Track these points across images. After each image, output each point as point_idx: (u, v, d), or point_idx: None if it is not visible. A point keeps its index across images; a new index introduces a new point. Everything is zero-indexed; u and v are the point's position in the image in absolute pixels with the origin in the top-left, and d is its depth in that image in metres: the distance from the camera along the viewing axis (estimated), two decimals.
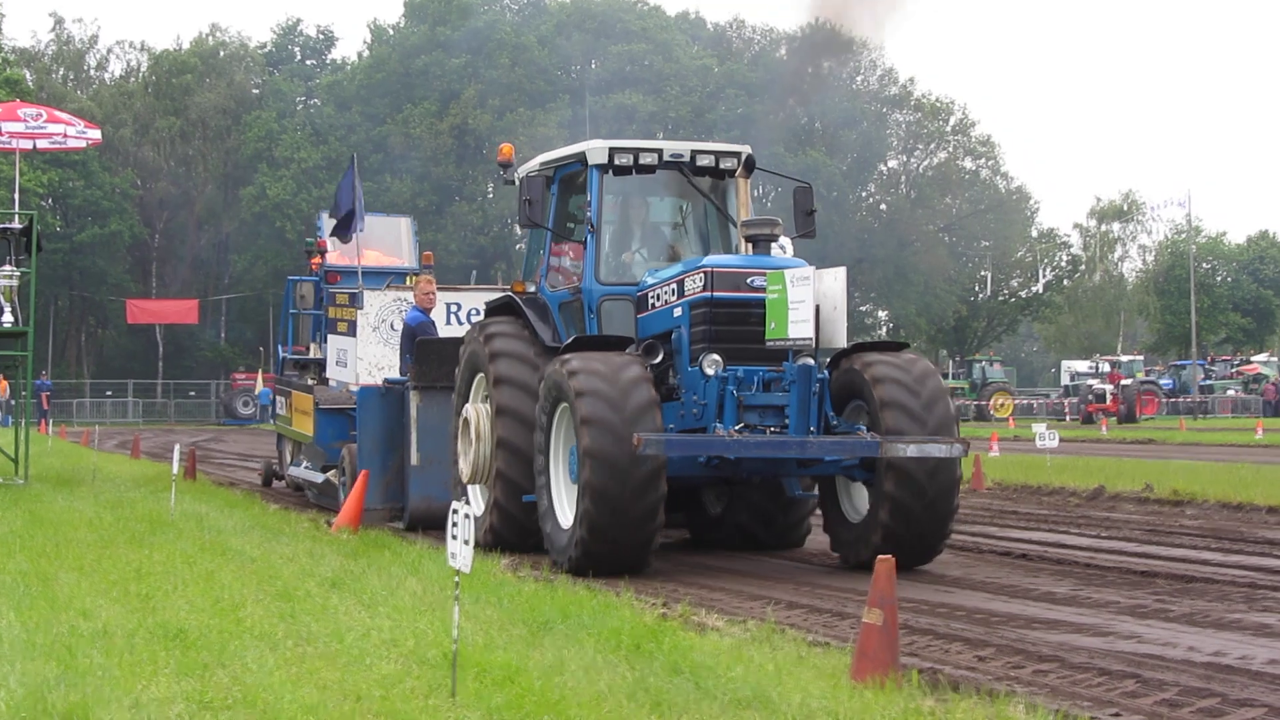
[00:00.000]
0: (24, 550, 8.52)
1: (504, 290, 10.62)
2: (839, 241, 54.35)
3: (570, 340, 8.23)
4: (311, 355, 14.46)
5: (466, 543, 4.39)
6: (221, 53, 58.82)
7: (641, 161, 8.80)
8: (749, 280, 7.97)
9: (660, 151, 8.92)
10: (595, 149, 8.84)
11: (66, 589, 6.79)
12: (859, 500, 8.42)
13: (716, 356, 7.78)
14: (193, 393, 49.90)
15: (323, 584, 7.12)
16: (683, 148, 9.05)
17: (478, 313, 11.26)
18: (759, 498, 9.39)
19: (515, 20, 60.26)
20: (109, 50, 59.42)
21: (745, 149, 9.27)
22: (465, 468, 9.10)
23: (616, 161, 8.74)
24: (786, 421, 7.70)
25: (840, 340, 7.64)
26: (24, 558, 8.10)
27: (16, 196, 17.04)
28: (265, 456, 17.92)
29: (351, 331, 12.11)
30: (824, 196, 45.87)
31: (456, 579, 4.45)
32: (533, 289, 9.43)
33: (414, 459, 10.19)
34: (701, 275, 8.02)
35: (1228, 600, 7.08)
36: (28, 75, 53.33)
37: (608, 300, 8.82)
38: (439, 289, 11.83)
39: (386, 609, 6.11)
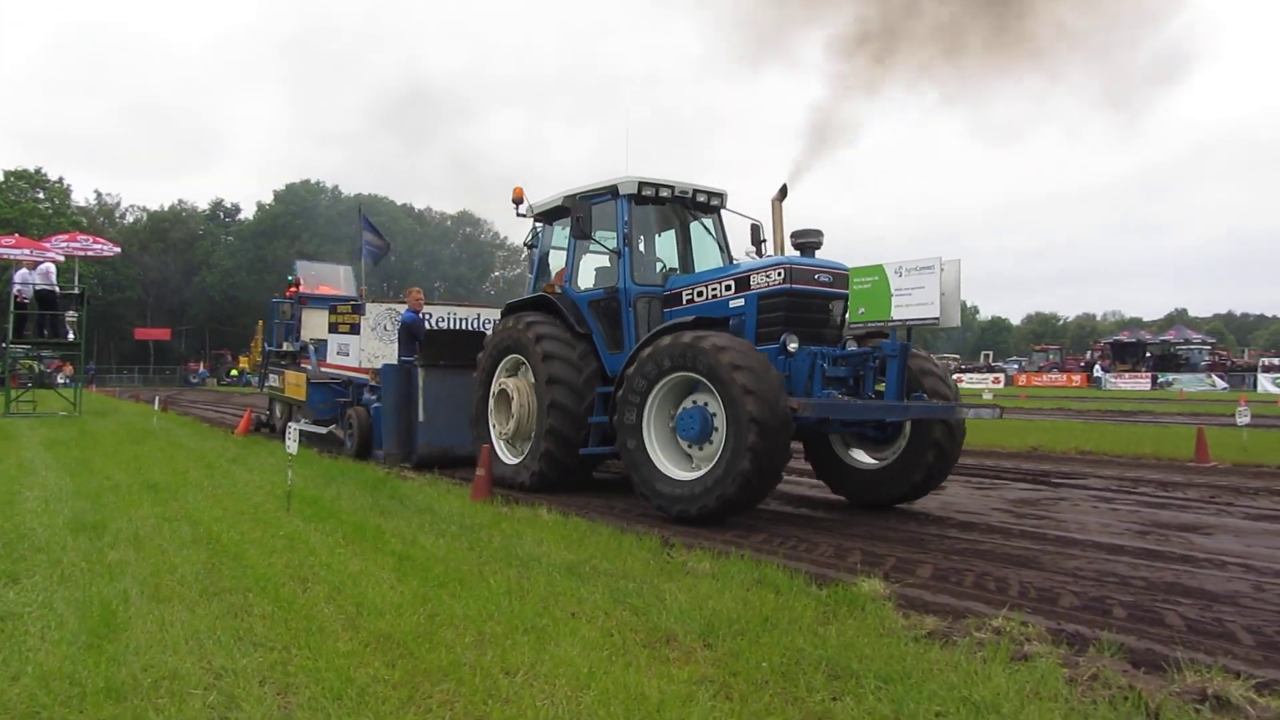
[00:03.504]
0: (76, 446, 15.00)
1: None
2: None
3: (667, 325, 9.26)
4: (285, 349, 19.82)
5: (294, 441, 9.22)
6: (183, 213, 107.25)
7: (659, 194, 10.60)
8: (816, 275, 9.12)
9: (673, 188, 10.67)
10: (626, 182, 10.43)
11: (97, 465, 12.21)
12: (860, 453, 9.86)
13: (795, 337, 8.83)
14: (167, 371, 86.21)
15: (229, 460, 12.86)
16: (686, 185, 10.78)
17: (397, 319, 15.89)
18: None
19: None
20: (128, 207, 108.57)
21: (724, 190, 11.20)
22: (507, 428, 11.00)
23: (643, 193, 10.49)
24: (845, 391, 8.90)
25: (955, 320, 8.09)
26: (76, 450, 14.20)
27: (77, 278, 31.06)
28: (207, 404, 27.35)
29: (354, 331, 16.33)
30: None
31: (289, 458, 9.28)
32: (559, 290, 11.06)
33: (421, 416, 12.90)
34: (782, 270, 9.01)
35: None
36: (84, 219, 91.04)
37: (641, 298, 10.28)
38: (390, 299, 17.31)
39: (259, 471, 11.42)
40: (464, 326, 16.83)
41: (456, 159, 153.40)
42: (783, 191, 10.05)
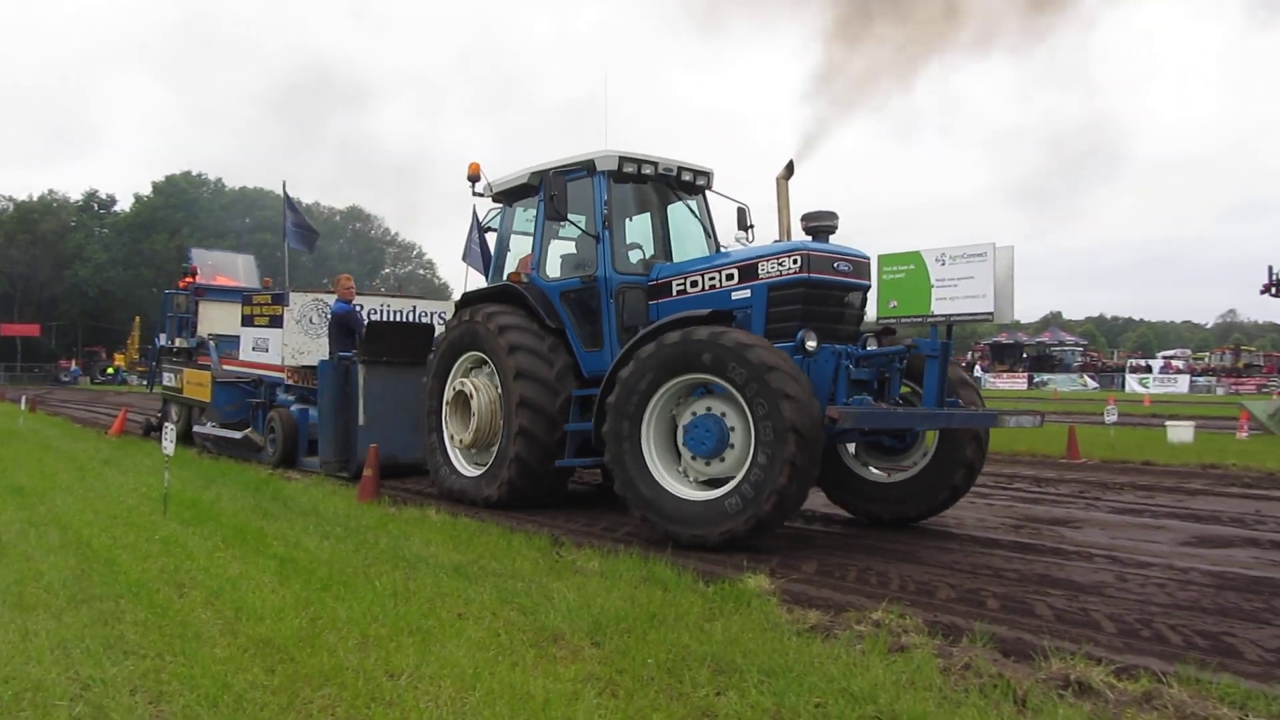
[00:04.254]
0: None
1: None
2: None
3: (668, 320, 7.93)
4: (180, 345, 18.13)
5: (171, 441, 8.90)
6: (54, 203, 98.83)
7: (642, 171, 9.46)
8: (835, 264, 8.01)
9: (656, 165, 9.53)
10: (604, 157, 9.24)
11: None
12: (871, 463, 8.72)
13: (814, 334, 7.67)
14: (36, 369, 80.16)
15: (102, 461, 12.37)
16: (671, 163, 9.66)
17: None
18: None
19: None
20: None
21: (710, 168, 10.03)
22: (465, 434, 9.61)
23: (623, 170, 9.31)
24: (866, 394, 7.84)
25: (1010, 315, 7.21)
26: None
27: None
28: (80, 403, 25.03)
29: (274, 324, 14.40)
30: None
31: (166, 459, 8.96)
32: (525, 279, 9.73)
33: (361, 420, 11.49)
34: (798, 257, 7.88)
35: None
36: None
37: (625, 288, 9.06)
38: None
39: (135, 473, 11.01)
40: (399, 320, 14.81)
41: (347, 152, 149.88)
42: (789, 169, 8.84)
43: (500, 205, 10.73)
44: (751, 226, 10.15)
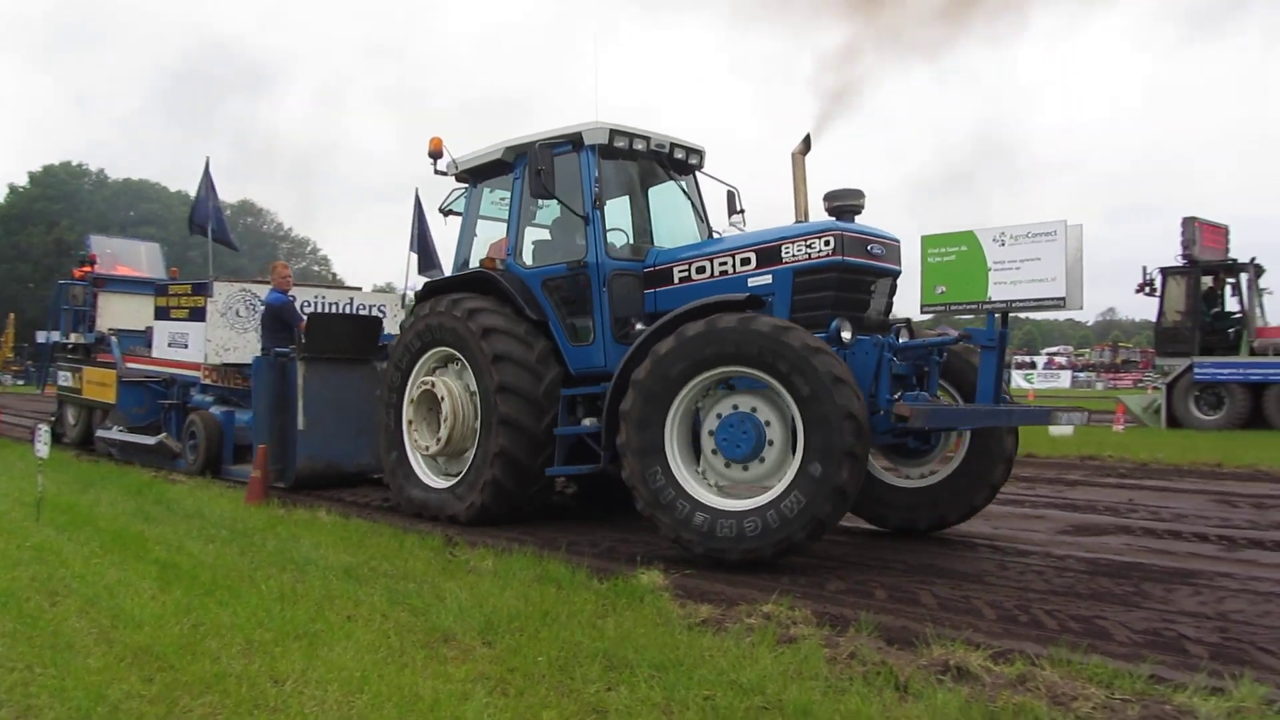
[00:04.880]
0: None
1: None
2: None
3: (701, 305, 7.08)
4: (76, 341, 16.75)
5: (45, 444, 8.53)
6: None
7: (634, 147, 8.66)
8: (869, 247, 7.32)
9: (649, 139, 8.72)
10: (594, 129, 8.42)
11: None
12: (897, 467, 8.08)
13: (849, 324, 6.97)
14: None
15: None
16: (663, 138, 8.86)
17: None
18: None
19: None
20: None
21: (703, 146, 9.30)
22: (433, 441, 8.63)
23: (614, 144, 8.49)
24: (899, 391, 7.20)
25: (1080, 302, 6.56)
26: None
27: None
28: None
29: (196, 317, 13.04)
30: None
31: (40, 462, 8.59)
32: (501, 266, 8.85)
33: (300, 424, 10.47)
34: (830, 239, 7.17)
35: None
36: None
37: (617, 275, 8.22)
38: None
39: (6, 477, 10.73)
40: (335, 312, 13.58)
41: (240, 143, 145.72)
42: (806, 143, 8.04)
43: (465, 185, 9.69)
44: (742, 211, 9.47)
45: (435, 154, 9.44)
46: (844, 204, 7.41)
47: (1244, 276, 22.17)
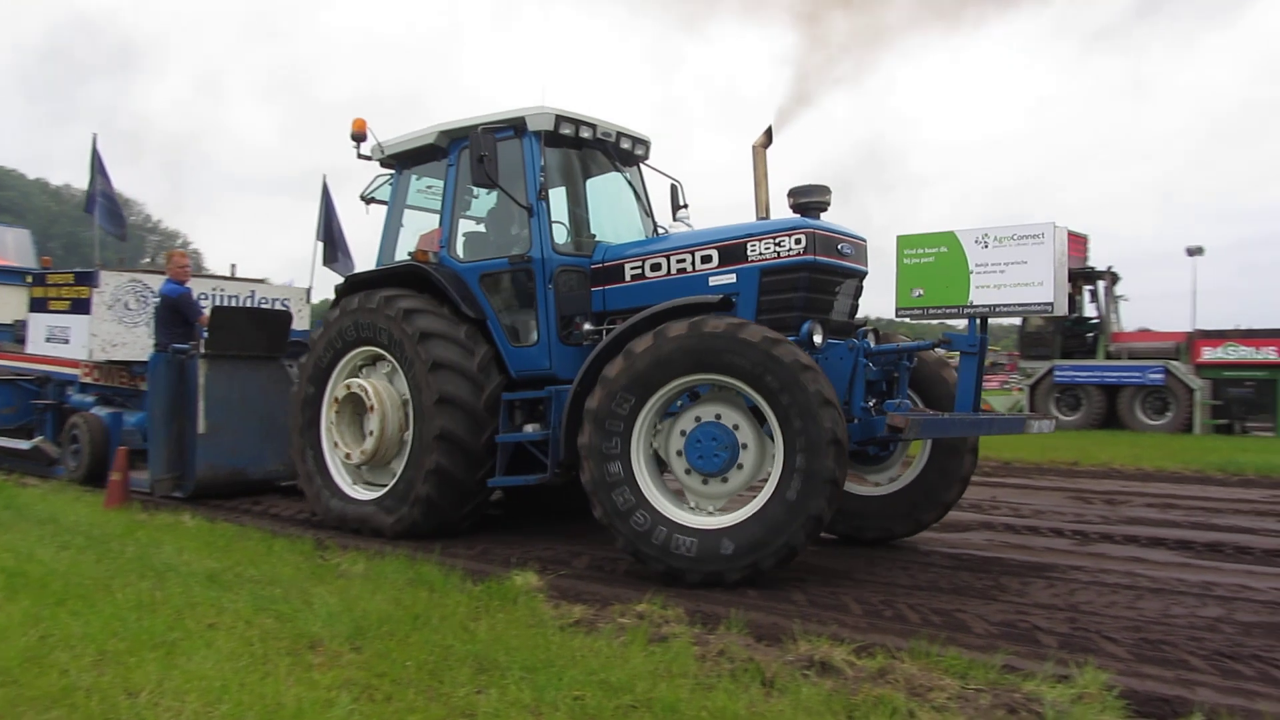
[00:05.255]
0: None
1: None
2: None
3: (663, 308, 6.72)
4: None
5: None
6: None
7: (580, 134, 8.15)
8: (839, 246, 7.06)
9: (595, 127, 8.24)
10: (538, 115, 7.89)
11: None
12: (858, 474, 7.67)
13: (820, 327, 6.70)
14: None
15: None
16: (610, 127, 8.38)
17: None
18: None
19: None
20: None
21: (649, 137, 8.87)
22: (358, 449, 7.97)
23: (560, 131, 7.98)
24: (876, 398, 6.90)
25: (1065, 306, 6.31)
26: None
27: None
28: None
29: (79, 310, 11.86)
30: None
31: None
32: (434, 259, 8.23)
33: (201, 427, 9.67)
34: (801, 236, 6.85)
35: None
36: None
37: (563, 271, 7.75)
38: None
39: None
40: (240, 306, 12.64)
41: (106, 129, 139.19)
42: (767, 135, 7.63)
43: (390, 171, 9.01)
44: (685, 205, 8.97)
45: (359, 136, 8.73)
46: (810, 200, 7.13)
47: (1101, 284, 23.35)
